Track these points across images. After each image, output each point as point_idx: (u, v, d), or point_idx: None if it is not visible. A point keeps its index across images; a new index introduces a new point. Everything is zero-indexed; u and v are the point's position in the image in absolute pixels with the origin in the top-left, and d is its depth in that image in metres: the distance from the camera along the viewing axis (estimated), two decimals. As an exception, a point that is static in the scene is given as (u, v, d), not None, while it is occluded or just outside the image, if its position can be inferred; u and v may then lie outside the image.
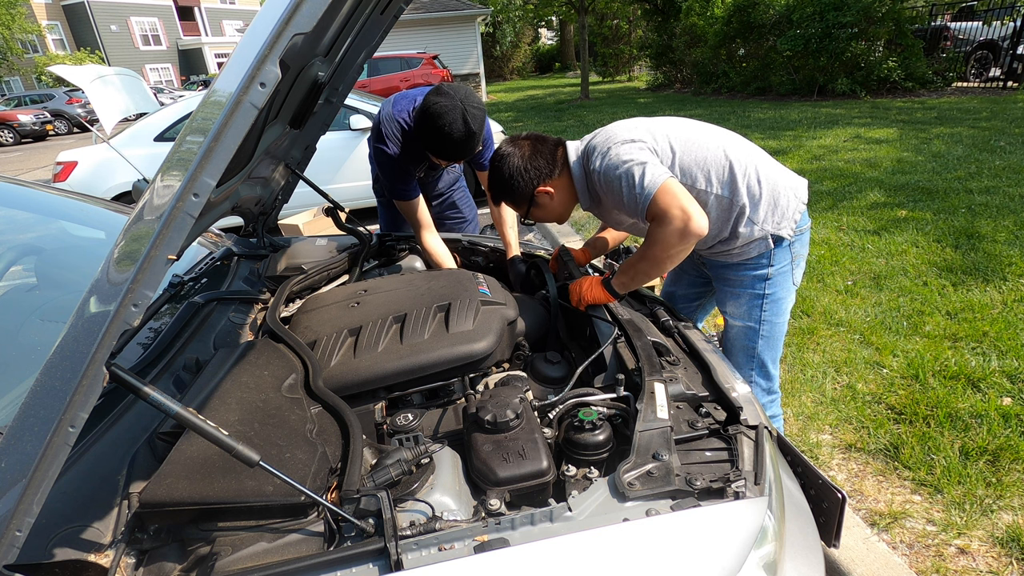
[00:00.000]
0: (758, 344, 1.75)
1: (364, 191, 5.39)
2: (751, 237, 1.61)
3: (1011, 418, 2.23)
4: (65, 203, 2.22)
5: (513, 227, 2.18)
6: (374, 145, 2.18)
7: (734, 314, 1.77)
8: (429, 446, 1.08)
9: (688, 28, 15.07)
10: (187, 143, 0.79)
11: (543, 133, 1.71)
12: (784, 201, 1.61)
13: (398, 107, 2.13)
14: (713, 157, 1.57)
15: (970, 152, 6.17)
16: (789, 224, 1.62)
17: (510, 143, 1.66)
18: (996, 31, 10.74)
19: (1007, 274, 3.38)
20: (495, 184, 1.68)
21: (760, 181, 1.58)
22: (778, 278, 1.68)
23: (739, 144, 1.63)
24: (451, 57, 18.19)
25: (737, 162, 1.57)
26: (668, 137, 1.58)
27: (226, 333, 1.63)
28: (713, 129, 1.66)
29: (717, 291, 1.83)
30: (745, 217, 1.59)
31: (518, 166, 1.62)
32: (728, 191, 1.57)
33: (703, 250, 1.73)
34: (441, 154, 1.96)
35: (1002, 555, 1.74)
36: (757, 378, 1.80)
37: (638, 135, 1.56)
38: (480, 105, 1.90)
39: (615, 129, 1.61)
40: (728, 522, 0.94)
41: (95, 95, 4.15)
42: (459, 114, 1.82)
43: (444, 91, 1.87)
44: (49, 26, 32.17)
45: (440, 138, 1.86)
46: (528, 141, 1.66)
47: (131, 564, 0.94)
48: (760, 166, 1.60)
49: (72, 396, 0.73)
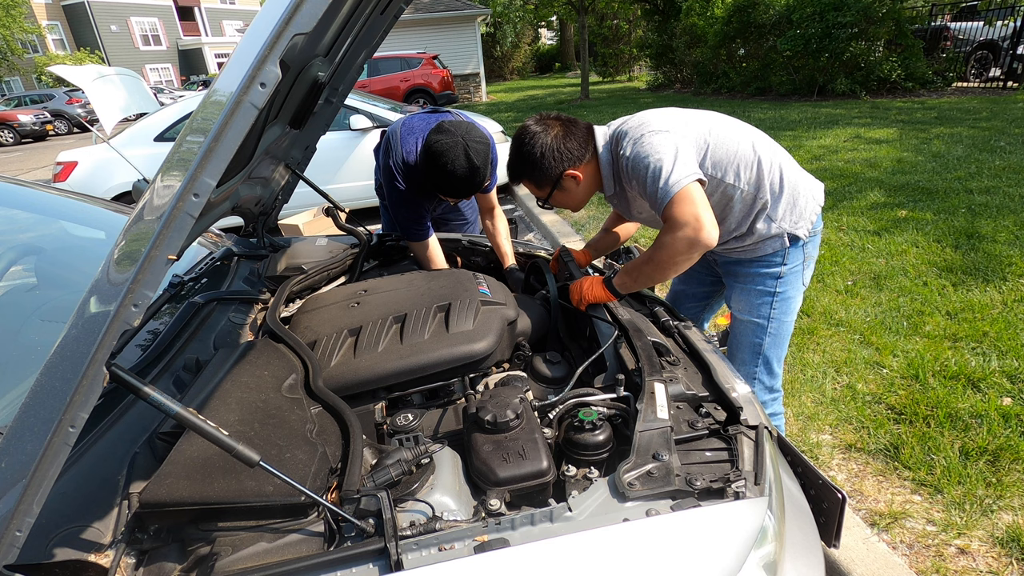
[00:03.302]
0: (765, 341, 1.76)
1: (364, 191, 5.42)
2: (767, 234, 1.63)
3: (1011, 418, 2.23)
4: (65, 203, 2.22)
5: (507, 238, 2.18)
6: (386, 185, 2.14)
7: (742, 310, 1.77)
8: (429, 446, 1.08)
9: (688, 28, 15.06)
10: (187, 143, 0.79)
11: (570, 115, 1.65)
12: (803, 202, 1.63)
13: (406, 147, 2.08)
14: (743, 152, 1.57)
15: (970, 152, 6.17)
16: (806, 225, 1.64)
17: (539, 122, 1.60)
18: (996, 31, 10.74)
19: (1007, 274, 3.37)
20: (521, 161, 1.61)
21: (783, 179, 1.60)
22: (789, 277, 1.69)
23: (766, 141, 1.64)
24: (451, 57, 18.18)
25: (765, 158, 1.58)
26: (702, 130, 1.57)
27: (226, 333, 1.63)
28: (741, 124, 1.66)
29: (727, 287, 1.84)
30: (764, 214, 1.60)
31: (550, 145, 1.56)
32: (754, 187, 1.58)
33: (717, 245, 1.71)
34: (448, 192, 1.93)
35: (1002, 555, 1.74)
36: (761, 375, 1.80)
37: (672, 126, 1.52)
38: (482, 139, 1.87)
39: (649, 117, 1.58)
40: (728, 522, 0.94)
41: (95, 95, 4.15)
42: (461, 151, 1.80)
43: (445, 129, 1.84)
44: (49, 26, 32.19)
45: (445, 176, 1.83)
46: (559, 122, 1.60)
47: (131, 564, 0.94)
48: (784, 165, 1.62)
49: (72, 396, 0.73)
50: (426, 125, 2.10)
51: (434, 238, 2.16)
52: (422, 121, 2.14)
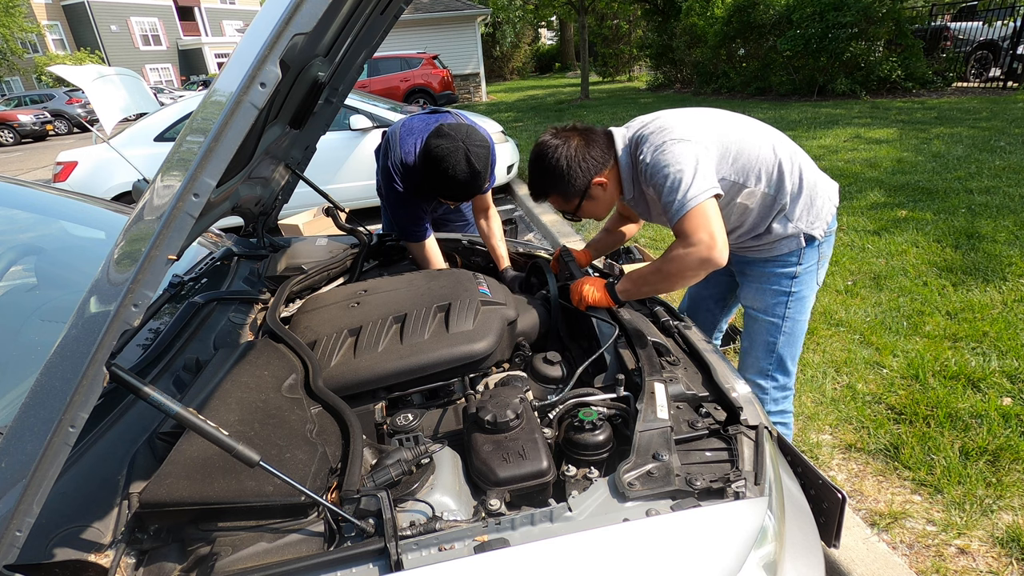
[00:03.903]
0: (780, 340, 1.76)
1: (364, 191, 5.42)
2: (784, 234, 1.63)
3: (1011, 418, 2.23)
4: (65, 203, 2.22)
5: (501, 240, 2.18)
6: (385, 186, 2.15)
7: (757, 308, 1.78)
8: (429, 446, 1.08)
9: (688, 28, 15.06)
10: (187, 143, 0.79)
11: (585, 123, 1.63)
12: (820, 202, 1.63)
13: (405, 148, 2.08)
14: (765, 155, 1.57)
15: (970, 152, 6.17)
16: (822, 225, 1.64)
17: (557, 135, 1.58)
18: (996, 31, 10.74)
19: (1007, 274, 3.37)
20: (545, 177, 1.58)
21: (802, 180, 1.60)
22: (804, 277, 1.70)
23: (785, 142, 1.65)
24: (451, 57, 18.18)
25: (785, 160, 1.59)
26: (724, 134, 1.56)
27: (226, 333, 1.63)
28: (761, 125, 1.66)
29: (741, 285, 1.84)
30: (783, 214, 1.61)
31: (575, 156, 1.53)
32: (775, 189, 1.58)
33: (732, 243, 1.70)
34: (448, 196, 1.94)
35: (1002, 555, 1.74)
36: (774, 373, 1.81)
37: (695, 134, 1.50)
38: (483, 142, 1.87)
39: (672, 122, 1.55)
40: (728, 522, 0.94)
41: (95, 95, 4.15)
42: (462, 155, 1.80)
43: (445, 133, 1.84)
44: (49, 26, 32.19)
45: (446, 180, 1.84)
46: (576, 132, 1.58)
47: (131, 564, 0.94)
48: (804, 166, 1.62)
49: (72, 396, 0.73)
50: (425, 126, 2.10)
51: (432, 239, 2.16)
52: (421, 122, 2.14)
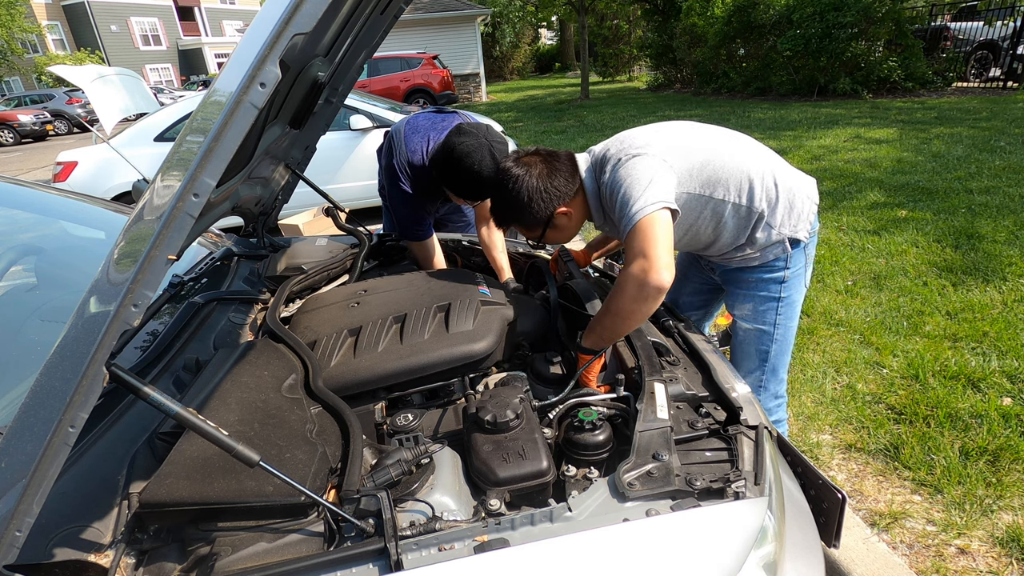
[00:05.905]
0: (772, 348, 1.72)
1: (364, 191, 5.42)
2: (768, 242, 1.59)
3: (1011, 418, 2.23)
4: (65, 203, 2.22)
5: (503, 251, 2.12)
6: (389, 185, 2.11)
7: (746, 317, 1.73)
8: (429, 446, 1.08)
9: (688, 28, 15.06)
10: (187, 143, 0.79)
11: (549, 148, 1.58)
12: (800, 203, 1.60)
13: (411, 146, 2.04)
14: (733, 165, 1.52)
15: (970, 152, 6.17)
16: (805, 226, 1.60)
17: (517, 163, 1.52)
18: (996, 31, 10.74)
19: (1007, 274, 3.37)
20: (506, 207, 1.54)
21: (777, 185, 1.56)
22: (793, 280, 1.66)
23: (755, 149, 1.61)
24: (451, 57, 18.18)
25: (755, 169, 1.54)
26: (686, 147, 1.52)
27: (226, 333, 1.63)
28: (728, 134, 1.62)
29: (728, 294, 1.80)
30: (763, 223, 1.57)
31: (537, 187, 1.48)
32: (747, 199, 1.54)
33: (715, 256, 1.69)
34: (472, 193, 1.87)
35: (1002, 555, 1.74)
36: (768, 382, 1.77)
37: (651, 149, 1.46)
38: (502, 139, 1.84)
39: (630, 140, 1.52)
40: (728, 522, 0.94)
41: (95, 95, 4.15)
42: (486, 151, 1.77)
43: (466, 130, 1.81)
44: (49, 26, 32.18)
45: (470, 178, 1.79)
46: (539, 157, 1.52)
47: (131, 564, 0.94)
48: (776, 171, 1.58)
49: (72, 396, 0.73)
50: (431, 125, 2.08)
51: (434, 238, 2.15)
52: (427, 120, 2.12)
